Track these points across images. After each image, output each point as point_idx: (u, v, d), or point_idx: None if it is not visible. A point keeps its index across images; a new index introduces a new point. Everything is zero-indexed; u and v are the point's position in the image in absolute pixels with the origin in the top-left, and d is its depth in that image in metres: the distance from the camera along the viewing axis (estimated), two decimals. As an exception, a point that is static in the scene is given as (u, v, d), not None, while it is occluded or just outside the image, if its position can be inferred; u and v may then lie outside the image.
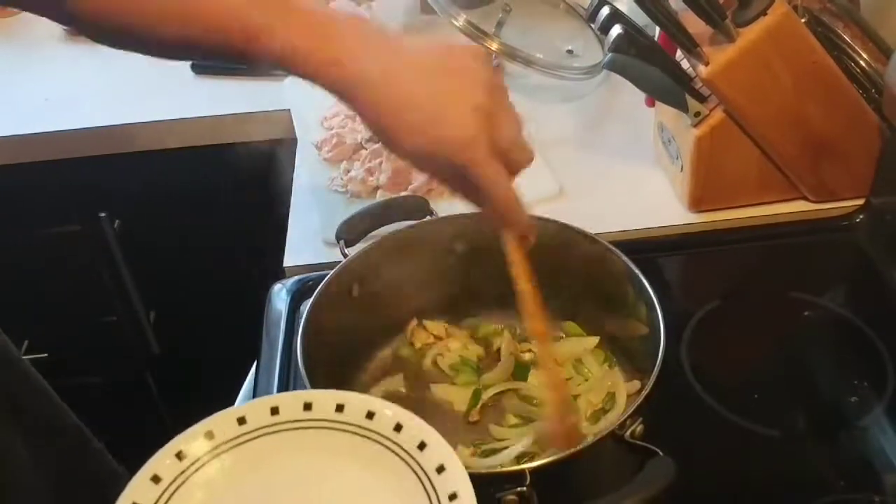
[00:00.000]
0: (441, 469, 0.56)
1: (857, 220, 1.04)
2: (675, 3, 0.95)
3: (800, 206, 1.05)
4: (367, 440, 0.58)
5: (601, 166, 1.14)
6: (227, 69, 1.34)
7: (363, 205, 0.97)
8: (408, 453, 0.57)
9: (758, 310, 0.97)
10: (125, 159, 1.32)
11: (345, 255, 0.87)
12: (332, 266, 0.84)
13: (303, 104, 1.25)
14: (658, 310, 0.76)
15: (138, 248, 1.44)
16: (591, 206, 1.06)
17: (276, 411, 0.60)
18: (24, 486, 0.90)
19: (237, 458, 0.58)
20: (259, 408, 0.60)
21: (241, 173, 1.30)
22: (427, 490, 0.55)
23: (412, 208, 0.94)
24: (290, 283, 0.98)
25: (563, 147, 1.18)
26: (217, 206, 1.36)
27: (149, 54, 0.74)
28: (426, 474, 0.56)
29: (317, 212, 1.09)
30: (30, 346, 1.43)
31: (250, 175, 1.26)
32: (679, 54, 1.01)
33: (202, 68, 1.36)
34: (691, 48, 0.95)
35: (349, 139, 1.16)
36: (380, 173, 1.09)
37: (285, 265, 1.02)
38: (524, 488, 0.64)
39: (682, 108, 0.99)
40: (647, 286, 0.78)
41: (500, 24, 1.24)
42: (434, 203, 0.96)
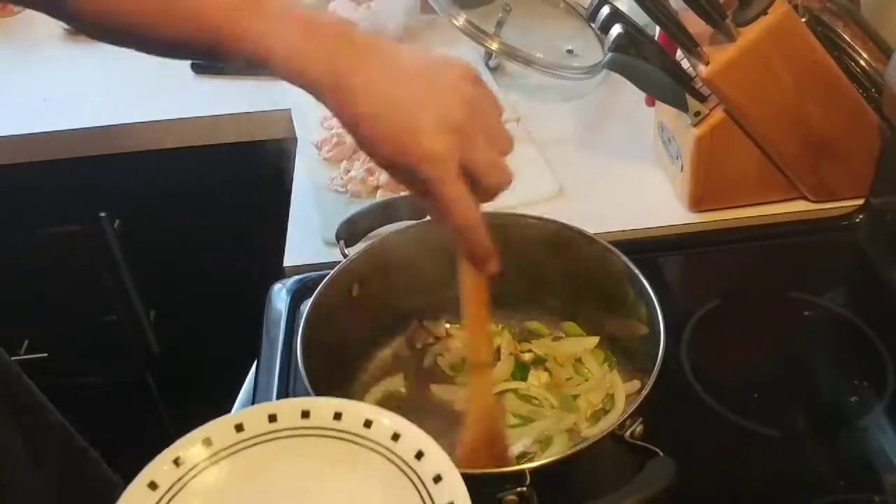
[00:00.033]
0: (438, 478, 0.56)
1: (857, 220, 1.04)
2: (676, 3, 0.95)
3: (800, 206, 1.05)
4: (364, 448, 0.58)
5: (601, 166, 1.14)
6: (227, 69, 1.34)
7: (363, 205, 0.97)
8: (405, 462, 0.57)
9: (758, 310, 0.97)
10: (125, 159, 1.32)
11: (345, 255, 0.87)
12: (332, 266, 0.84)
13: (303, 104, 1.25)
14: (658, 310, 0.76)
15: (138, 248, 1.44)
16: (590, 205, 1.06)
17: (273, 419, 0.60)
18: (24, 486, 0.90)
19: (234, 465, 0.58)
20: (257, 415, 0.60)
21: (240, 173, 1.30)
22: (424, 499, 0.55)
23: (412, 208, 0.94)
24: (290, 283, 0.98)
25: (563, 147, 1.18)
26: (217, 206, 1.36)
27: (150, 53, 0.74)
28: (423, 483, 0.56)
29: (317, 212, 1.09)
30: (30, 346, 1.43)
31: (250, 175, 1.26)
32: (679, 54, 1.01)
33: (202, 68, 1.35)
34: (691, 48, 0.95)
35: (349, 139, 1.15)
36: (380, 173, 1.09)
37: (285, 265, 1.02)
38: (524, 488, 0.64)
39: (682, 107, 0.99)
40: (647, 286, 0.78)
41: (500, 23, 1.25)
42: (434, 203, 0.96)
